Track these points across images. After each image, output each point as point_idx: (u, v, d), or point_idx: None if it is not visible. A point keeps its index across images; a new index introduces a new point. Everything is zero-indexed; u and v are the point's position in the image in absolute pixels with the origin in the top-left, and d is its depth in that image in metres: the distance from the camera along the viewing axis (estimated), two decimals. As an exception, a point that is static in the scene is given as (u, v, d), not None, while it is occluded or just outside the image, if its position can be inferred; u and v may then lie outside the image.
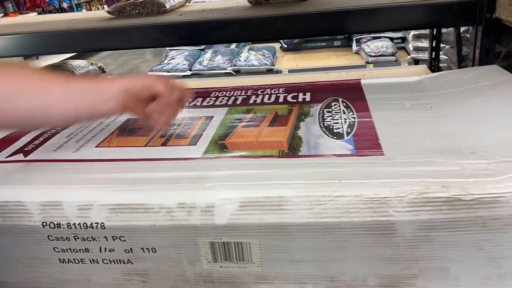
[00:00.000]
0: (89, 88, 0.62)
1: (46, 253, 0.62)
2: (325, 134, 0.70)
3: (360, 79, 0.94)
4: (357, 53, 3.19)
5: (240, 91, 0.95)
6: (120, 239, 0.59)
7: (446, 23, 1.19)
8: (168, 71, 3.09)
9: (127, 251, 0.60)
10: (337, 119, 0.75)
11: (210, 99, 0.92)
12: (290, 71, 2.99)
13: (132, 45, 1.29)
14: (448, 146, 0.61)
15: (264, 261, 0.58)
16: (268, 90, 0.94)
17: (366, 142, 0.66)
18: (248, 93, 0.93)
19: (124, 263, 0.61)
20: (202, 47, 3.44)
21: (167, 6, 1.35)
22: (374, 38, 3.15)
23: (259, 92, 0.93)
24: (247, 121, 0.78)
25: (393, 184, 0.54)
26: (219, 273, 0.60)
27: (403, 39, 3.18)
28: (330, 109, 0.80)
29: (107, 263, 0.61)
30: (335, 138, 0.68)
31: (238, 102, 0.89)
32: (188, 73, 3.10)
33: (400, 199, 0.52)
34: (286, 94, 0.91)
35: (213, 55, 3.26)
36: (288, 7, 1.21)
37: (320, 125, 0.73)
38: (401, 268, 0.56)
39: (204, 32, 1.16)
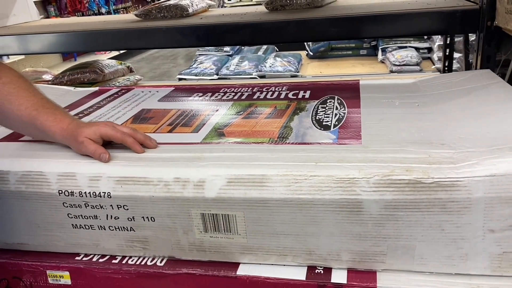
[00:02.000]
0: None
1: (61, 219, 0.71)
2: (314, 126, 0.77)
3: (359, 80, 1.00)
4: (382, 62, 3.21)
5: (247, 88, 1.03)
6: (124, 208, 0.67)
7: (450, 30, 1.24)
8: (196, 75, 3.20)
9: (129, 219, 0.68)
10: (328, 114, 0.81)
11: (218, 94, 1.00)
12: (314, 77, 3.05)
13: (155, 45, 1.40)
14: (421, 138, 0.67)
15: (249, 232, 0.65)
16: (273, 87, 1.01)
17: (349, 133, 0.72)
18: (254, 90, 1.01)
19: (127, 230, 0.69)
20: (231, 52, 3.55)
21: (190, 10, 1.45)
22: (400, 47, 3.16)
23: (263, 89, 1.00)
24: (247, 114, 0.86)
25: (362, 167, 0.60)
26: (209, 243, 0.67)
27: (429, 49, 3.18)
28: (325, 105, 0.86)
29: (113, 229, 0.70)
30: (322, 129, 0.75)
31: (243, 97, 0.97)
32: (215, 77, 3.21)
33: (367, 180, 0.58)
34: (288, 92, 0.98)
35: (240, 60, 3.36)
36: (301, 12, 1.28)
37: (311, 118, 0.80)
38: (370, 245, 0.62)
39: (220, 34, 1.25)
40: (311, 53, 3.54)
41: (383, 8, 1.20)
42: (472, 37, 1.39)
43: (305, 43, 3.53)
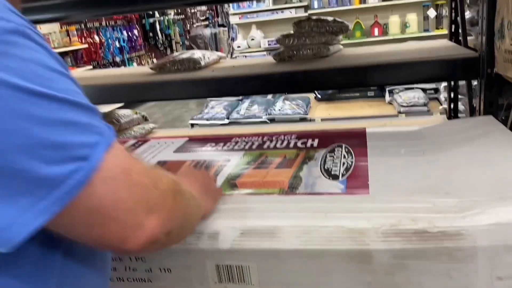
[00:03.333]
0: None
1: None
2: (323, 175, 0.80)
3: (365, 128, 1.04)
4: (390, 104, 3.26)
5: (257, 137, 1.07)
6: (141, 260, 0.70)
7: (452, 77, 1.28)
8: (207, 119, 3.29)
9: (147, 270, 0.70)
10: (336, 163, 0.85)
11: (230, 144, 1.05)
12: (322, 119, 3.10)
13: (170, 97, 1.46)
14: (427, 187, 0.70)
15: (262, 283, 0.67)
16: (282, 136, 1.06)
17: (357, 183, 0.75)
18: (264, 139, 1.05)
19: (145, 281, 0.72)
20: (241, 97, 3.65)
21: (202, 63, 1.52)
22: (407, 89, 3.22)
23: (273, 138, 1.05)
24: (258, 164, 0.89)
25: (370, 217, 0.62)
26: (224, 293, 0.69)
27: (436, 90, 3.24)
28: (333, 154, 0.90)
29: (131, 281, 0.72)
30: (330, 179, 0.78)
31: (254, 147, 1.01)
32: (226, 121, 3.29)
33: (375, 230, 0.61)
34: (296, 140, 1.01)
35: (250, 105, 3.45)
36: (308, 63, 1.34)
37: (320, 168, 0.83)
38: (382, 294, 0.63)
39: (231, 86, 1.31)
40: (319, 96, 3.62)
41: (387, 57, 1.26)
42: (475, 81, 1.44)
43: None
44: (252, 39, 5.04)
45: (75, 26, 5.46)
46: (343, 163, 0.84)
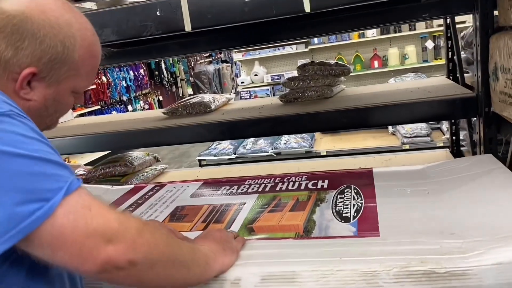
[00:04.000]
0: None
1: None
2: (335, 218, 0.85)
3: (372, 168, 1.09)
4: (393, 134, 3.33)
5: (269, 179, 1.13)
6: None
7: (451, 116, 1.35)
8: (214, 155, 3.35)
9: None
10: (347, 205, 0.90)
11: (244, 187, 1.10)
12: (328, 152, 3.16)
13: (183, 141, 1.52)
14: (433, 228, 0.74)
15: (283, 324, 0.71)
16: (293, 178, 1.11)
17: (367, 225, 0.80)
18: (276, 181, 1.10)
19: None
20: (246, 132, 3.73)
21: (212, 107, 1.60)
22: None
23: (285, 180, 1.10)
24: (272, 207, 0.95)
25: (382, 260, 0.67)
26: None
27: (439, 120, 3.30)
28: (343, 195, 0.95)
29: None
30: (342, 222, 0.83)
31: (267, 189, 1.06)
32: (233, 156, 3.35)
33: (387, 272, 0.65)
34: (307, 182, 1.07)
35: (256, 139, 3.52)
36: (313, 104, 1.41)
37: (332, 210, 0.88)
38: (394, 333, 0.67)
39: (242, 129, 1.37)
40: (324, 129, 3.68)
41: (388, 98, 1.32)
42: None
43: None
44: (256, 75, 5.18)
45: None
46: (353, 205, 0.89)
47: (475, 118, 1.44)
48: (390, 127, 3.37)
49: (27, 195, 0.54)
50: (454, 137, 1.63)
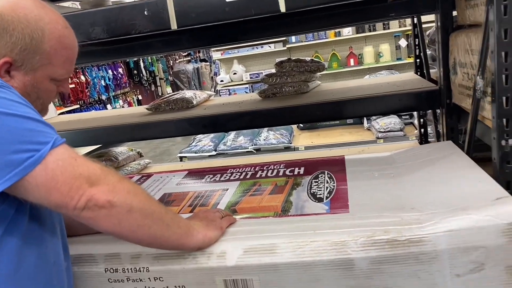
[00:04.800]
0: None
1: (106, 293, 0.84)
2: (310, 199, 0.93)
3: (344, 156, 1.19)
4: (369, 130, 3.45)
5: (250, 168, 1.21)
6: (159, 279, 0.81)
7: (417, 108, 1.45)
8: (195, 152, 3.41)
9: (164, 288, 0.82)
10: (321, 187, 0.99)
11: (226, 175, 1.18)
12: (306, 147, 3.26)
13: (167, 135, 1.59)
14: (396, 204, 0.84)
15: (264, 293, 0.79)
16: (272, 166, 1.19)
17: (339, 204, 0.89)
18: (256, 169, 1.18)
19: (163, 298, 0.83)
20: (226, 129, 3.80)
21: (194, 102, 1.67)
22: (383, 115, 3.42)
23: (264, 168, 1.18)
24: (253, 192, 1.03)
25: (350, 232, 0.76)
26: (232, 305, 0.81)
27: (411, 115, 3.44)
28: (317, 180, 1.04)
29: (151, 299, 0.83)
30: (316, 202, 0.91)
31: (248, 176, 1.14)
32: (214, 153, 3.41)
33: (355, 241, 0.74)
34: (285, 169, 1.15)
35: (236, 136, 3.59)
36: (290, 99, 1.50)
37: (307, 192, 0.97)
38: (364, 296, 0.76)
39: (223, 122, 1.45)
40: (302, 125, 3.78)
41: (360, 92, 1.42)
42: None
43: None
44: (234, 73, 5.24)
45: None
46: (327, 188, 0.98)
47: (439, 110, 1.56)
48: (365, 123, 3.49)
49: (21, 146, 0.65)
50: (422, 129, 1.75)
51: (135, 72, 7.28)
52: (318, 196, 0.94)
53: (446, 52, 1.23)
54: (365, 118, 3.54)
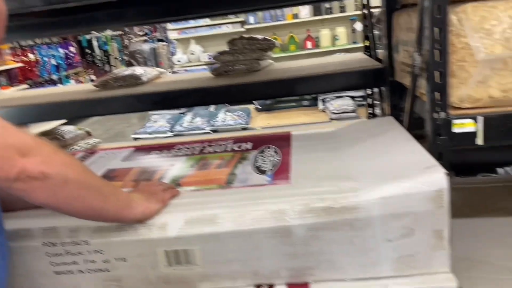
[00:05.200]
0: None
1: (44, 267, 0.83)
2: (254, 171, 0.95)
3: (290, 132, 1.21)
4: (324, 111, 3.52)
5: (198, 143, 1.20)
6: (100, 252, 0.80)
7: (363, 85, 1.49)
8: (150, 133, 3.35)
9: (105, 261, 0.81)
10: (266, 161, 1.00)
11: (174, 151, 1.17)
12: (263, 128, 3.28)
13: (114, 112, 1.56)
14: (334, 175, 0.86)
15: (205, 263, 0.80)
16: (220, 142, 1.20)
17: (281, 175, 0.90)
18: (204, 145, 1.18)
19: (104, 271, 0.82)
20: (183, 110, 3.75)
21: (144, 79, 1.64)
22: (337, 97, 3.49)
23: (212, 143, 1.18)
24: (199, 166, 1.03)
25: (289, 200, 0.78)
26: (174, 275, 0.81)
27: (364, 97, 3.53)
28: (263, 154, 1.05)
29: (91, 272, 0.82)
30: (260, 174, 0.93)
31: (195, 152, 1.14)
32: (170, 134, 3.37)
33: (293, 210, 0.76)
34: (233, 145, 1.16)
35: (193, 117, 3.56)
36: (242, 77, 1.50)
37: (252, 166, 0.98)
38: (302, 262, 0.78)
39: (173, 99, 1.43)
40: (260, 107, 3.80)
41: (309, 71, 1.44)
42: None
43: (252, 98, 3.79)
44: (192, 54, 5.17)
45: (8, 45, 5.30)
46: (271, 161, 1.00)
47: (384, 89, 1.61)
48: (320, 105, 3.55)
49: None
50: (370, 109, 1.80)
51: (88, 51, 7.02)
52: (262, 169, 0.96)
53: (390, 31, 1.26)
54: (320, 100, 3.61)
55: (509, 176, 1.49)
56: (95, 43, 7.13)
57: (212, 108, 3.86)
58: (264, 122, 3.46)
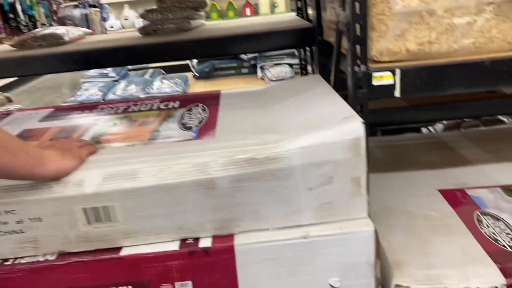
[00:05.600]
0: None
1: (-51, 233, 0.76)
2: (179, 128, 0.93)
3: (220, 91, 1.19)
4: (262, 79, 3.52)
5: (122, 103, 1.15)
6: (11, 213, 0.76)
7: (293, 45, 1.50)
8: (81, 102, 3.19)
9: (18, 222, 0.76)
10: (192, 118, 0.98)
11: (96, 111, 1.12)
12: (200, 96, 3.23)
13: (33, 72, 1.45)
14: (259, 129, 0.87)
15: (127, 219, 0.78)
16: (146, 101, 1.15)
17: (206, 131, 0.89)
18: (129, 104, 1.14)
19: (17, 233, 0.77)
20: (116, 78, 3.59)
21: (66, 38, 1.53)
22: (276, 64, 3.50)
23: (138, 103, 1.14)
24: (123, 124, 0.99)
25: (213, 153, 0.77)
26: (94, 233, 0.78)
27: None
28: (190, 112, 1.03)
29: (3, 234, 0.77)
30: (185, 130, 0.91)
31: (119, 111, 1.09)
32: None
33: (216, 162, 0.75)
34: (160, 104, 1.12)
35: (127, 85, 3.42)
36: (171, 36, 1.45)
37: (178, 123, 0.96)
38: (226, 214, 0.79)
39: (97, 58, 1.35)
40: (197, 74, 3.73)
41: (240, 30, 1.42)
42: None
43: (190, 65, 3.71)
44: (126, 19, 4.93)
45: None
46: (198, 118, 0.98)
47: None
48: (259, 72, 3.55)
49: None
50: (303, 71, 1.82)
51: (11, 16, 6.46)
52: (187, 125, 0.94)
53: (318, -11, 1.26)
54: (258, 68, 3.60)
55: (430, 134, 1.58)
56: (18, 7, 6.57)
57: (147, 75, 3.73)
58: (202, 90, 3.41)
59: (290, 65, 3.48)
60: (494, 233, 0.91)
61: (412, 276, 0.82)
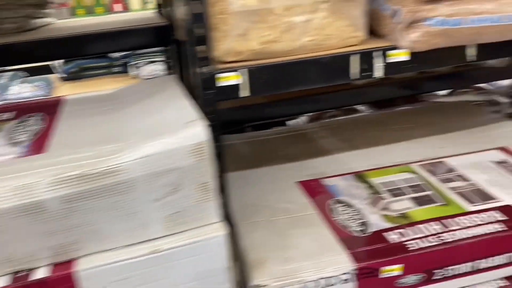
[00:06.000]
0: None
1: None
2: (5, 144, 0.81)
3: (66, 96, 1.08)
4: (136, 78, 3.37)
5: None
6: None
7: (150, 44, 1.43)
8: None
9: None
10: (26, 131, 0.87)
11: None
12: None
13: None
14: (99, 139, 0.79)
15: None
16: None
17: (38, 145, 0.79)
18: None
19: None
20: (-35, 83, 3.15)
21: None
22: (150, 62, 3.38)
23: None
24: None
25: (38, 172, 0.68)
26: None
27: (177, 61, 3.50)
28: (24, 124, 0.91)
29: None
30: (12, 147, 0.80)
31: None
32: None
33: (42, 182, 0.66)
34: (-7, 116, 0.98)
35: (-23, 91, 3.01)
36: (9, 37, 1.28)
37: (5, 138, 0.84)
38: (63, 238, 0.70)
39: None
40: (64, 75, 3.43)
41: (91, 28, 1.30)
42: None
43: (51, 66, 3.41)
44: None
45: None
46: (32, 131, 0.87)
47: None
48: (133, 71, 3.39)
49: None
50: (170, 70, 1.76)
51: None
52: (15, 140, 0.82)
53: (170, -13, 1.21)
54: (132, 66, 3.44)
55: (293, 127, 1.64)
56: None
57: (4, 80, 3.33)
58: (70, 92, 3.14)
59: (165, 62, 3.39)
60: (345, 220, 0.97)
61: (271, 274, 0.83)
